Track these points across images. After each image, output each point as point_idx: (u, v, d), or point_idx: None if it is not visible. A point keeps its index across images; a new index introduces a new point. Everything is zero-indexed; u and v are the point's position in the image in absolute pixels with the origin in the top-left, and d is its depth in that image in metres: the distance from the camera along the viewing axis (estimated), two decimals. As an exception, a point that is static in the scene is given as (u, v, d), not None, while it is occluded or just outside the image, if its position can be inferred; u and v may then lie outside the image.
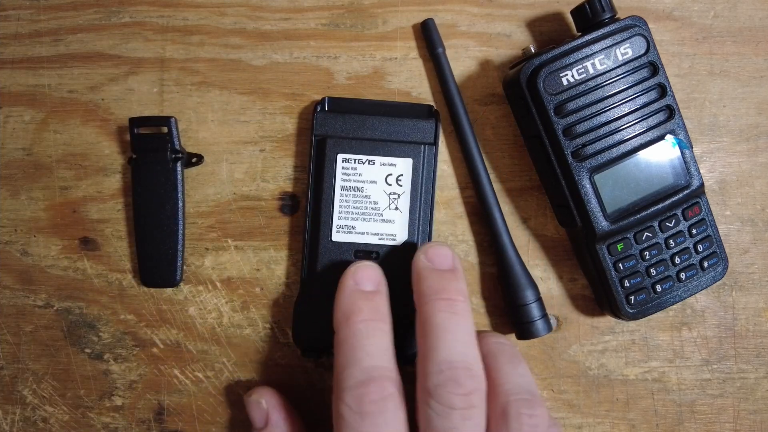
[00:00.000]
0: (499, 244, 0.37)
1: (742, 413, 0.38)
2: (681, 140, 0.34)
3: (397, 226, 0.36)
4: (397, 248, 0.36)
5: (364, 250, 0.36)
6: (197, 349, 0.38)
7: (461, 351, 0.30)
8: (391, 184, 0.36)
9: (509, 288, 0.36)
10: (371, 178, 0.36)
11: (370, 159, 0.36)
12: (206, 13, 0.38)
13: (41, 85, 0.38)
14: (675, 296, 0.36)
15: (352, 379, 0.29)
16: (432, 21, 0.37)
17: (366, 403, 0.29)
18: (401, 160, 0.36)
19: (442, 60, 0.37)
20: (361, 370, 0.30)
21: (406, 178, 0.36)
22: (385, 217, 0.36)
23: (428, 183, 0.36)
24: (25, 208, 0.38)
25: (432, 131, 0.36)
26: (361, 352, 0.30)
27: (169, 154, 0.36)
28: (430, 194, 0.36)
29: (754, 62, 0.38)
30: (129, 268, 0.38)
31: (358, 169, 0.36)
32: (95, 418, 0.38)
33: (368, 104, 0.37)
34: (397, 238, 0.36)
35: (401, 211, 0.36)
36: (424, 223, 0.36)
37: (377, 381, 0.29)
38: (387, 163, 0.36)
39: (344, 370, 0.30)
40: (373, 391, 0.29)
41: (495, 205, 0.37)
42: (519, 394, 0.30)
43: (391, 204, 0.36)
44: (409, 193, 0.36)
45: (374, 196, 0.36)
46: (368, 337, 0.31)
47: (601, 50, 0.33)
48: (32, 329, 0.38)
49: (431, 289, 0.31)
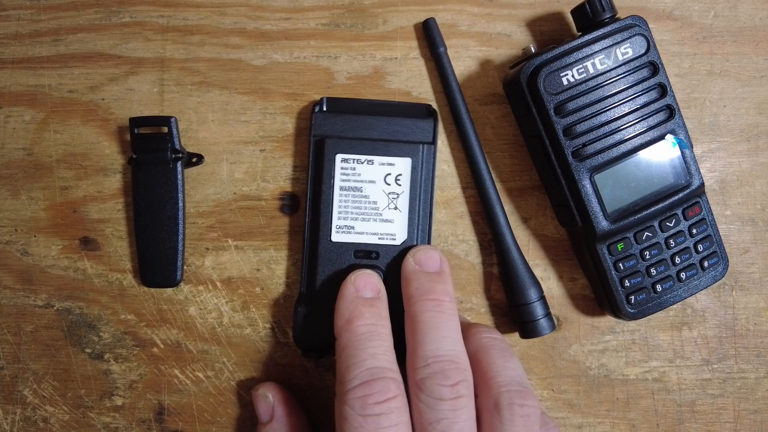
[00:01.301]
0: (502, 243, 0.37)
1: (743, 413, 0.38)
2: (681, 140, 0.34)
3: (397, 226, 0.36)
4: (396, 248, 0.36)
5: (364, 250, 0.36)
6: (197, 349, 0.38)
7: (447, 346, 0.31)
8: (390, 184, 0.36)
9: (512, 287, 0.36)
10: (370, 177, 0.36)
11: (369, 159, 0.36)
12: (206, 12, 0.38)
13: (41, 85, 0.38)
14: (675, 296, 0.36)
15: (356, 380, 0.30)
16: (433, 20, 0.37)
17: (370, 405, 0.29)
18: (400, 159, 0.36)
19: (444, 59, 0.37)
20: (364, 371, 0.30)
21: (405, 177, 0.36)
22: (384, 217, 0.36)
23: (427, 182, 0.36)
24: (26, 208, 0.38)
25: (430, 130, 0.36)
26: (364, 354, 0.30)
27: (170, 154, 0.36)
28: (429, 193, 0.36)
29: (755, 62, 0.38)
30: (129, 268, 0.38)
31: (357, 169, 0.36)
32: (96, 418, 0.38)
33: (366, 104, 0.37)
34: (397, 237, 0.36)
35: (400, 211, 0.36)
36: (423, 223, 0.36)
37: (381, 382, 0.29)
38: (386, 162, 0.36)
39: (347, 373, 0.30)
40: (376, 392, 0.29)
41: (498, 204, 0.37)
42: (510, 386, 0.31)
43: (390, 204, 0.36)
44: (408, 192, 0.36)
45: (373, 195, 0.36)
46: (371, 340, 0.31)
47: (602, 50, 0.33)
48: (33, 329, 0.38)
49: (418, 291, 0.32)
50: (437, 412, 0.29)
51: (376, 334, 0.31)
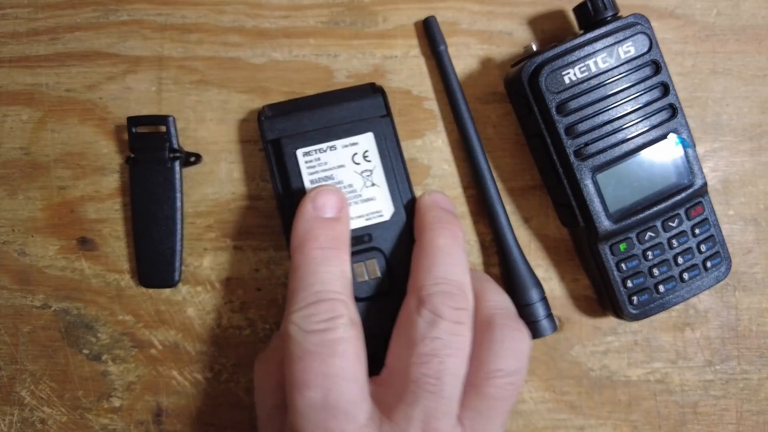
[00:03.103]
0: (503, 243, 0.36)
1: (746, 414, 0.38)
2: (684, 139, 0.34)
3: (381, 202, 0.35)
4: (387, 223, 0.35)
5: (355, 236, 0.34)
6: (196, 350, 0.38)
7: (459, 273, 0.31)
8: (360, 163, 0.35)
9: (514, 287, 0.36)
10: (338, 163, 0.35)
11: (331, 145, 0.35)
12: (205, 11, 0.38)
13: (39, 84, 0.38)
14: (678, 296, 0.35)
15: (302, 302, 0.29)
16: (434, 18, 0.37)
17: (314, 322, 0.28)
18: (362, 136, 0.35)
19: (444, 58, 0.37)
20: (311, 293, 0.29)
21: (373, 152, 0.35)
22: (365, 197, 0.35)
23: (395, 150, 0.35)
24: (23, 207, 0.38)
25: (382, 105, 0.35)
26: (312, 278, 0.30)
27: (168, 153, 0.36)
28: (399, 160, 0.35)
29: (758, 60, 0.38)
30: (127, 269, 0.38)
31: (321, 158, 0.35)
32: (93, 419, 0.38)
33: (310, 99, 0.36)
34: (384, 213, 0.35)
35: (379, 186, 0.35)
36: (404, 190, 0.35)
37: (327, 303, 0.29)
38: (348, 143, 0.35)
39: (295, 295, 0.30)
40: (322, 311, 0.29)
41: (499, 204, 0.36)
42: (503, 310, 0.32)
43: (366, 182, 0.35)
44: (381, 165, 0.35)
45: (347, 179, 0.35)
46: (323, 265, 0.30)
47: (604, 48, 0.33)
48: (30, 330, 0.38)
49: (436, 219, 0.33)
50: (433, 329, 0.29)
51: (329, 259, 0.30)
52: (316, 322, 0.29)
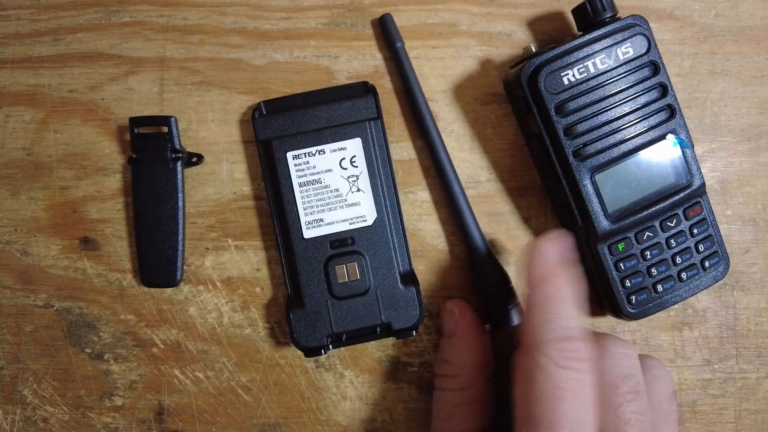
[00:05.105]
0: (468, 236, 0.37)
1: (744, 413, 0.38)
2: (682, 140, 0.34)
3: (364, 207, 0.36)
4: (370, 228, 0.36)
5: (338, 239, 0.36)
6: (197, 349, 0.38)
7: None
8: (347, 168, 0.36)
9: (478, 278, 0.36)
10: (326, 167, 0.36)
11: (320, 149, 0.36)
12: (206, 12, 0.38)
13: (41, 84, 0.38)
14: (676, 296, 0.35)
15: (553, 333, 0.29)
16: (389, 16, 0.37)
17: (569, 359, 0.29)
18: (349, 141, 0.36)
19: (401, 54, 0.37)
20: (562, 327, 0.30)
21: (360, 158, 0.36)
22: (350, 202, 0.36)
23: (383, 156, 0.36)
24: (25, 207, 0.38)
25: (373, 106, 0.36)
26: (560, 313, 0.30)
27: (170, 153, 0.36)
28: (387, 167, 0.36)
29: (756, 61, 0.38)
30: (129, 268, 0.38)
31: (310, 162, 0.36)
32: (95, 418, 0.38)
33: (305, 97, 0.37)
34: (368, 218, 0.36)
35: (364, 192, 0.36)
36: (389, 196, 0.36)
37: (578, 341, 0.29)
38: (337, 148, 0.36)
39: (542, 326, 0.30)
40: (575, 349, 0.29)
41: (461, 196, 0.37)
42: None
43: (352, 187, 0.36)
44: (367, 171, 0.36)
45: (334, 184, 0.36)
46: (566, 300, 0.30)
47: (602, 49, 0.33)
48: (32, 329, 0.38)
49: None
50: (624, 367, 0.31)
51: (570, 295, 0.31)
52: (571, 359, 0.29)
